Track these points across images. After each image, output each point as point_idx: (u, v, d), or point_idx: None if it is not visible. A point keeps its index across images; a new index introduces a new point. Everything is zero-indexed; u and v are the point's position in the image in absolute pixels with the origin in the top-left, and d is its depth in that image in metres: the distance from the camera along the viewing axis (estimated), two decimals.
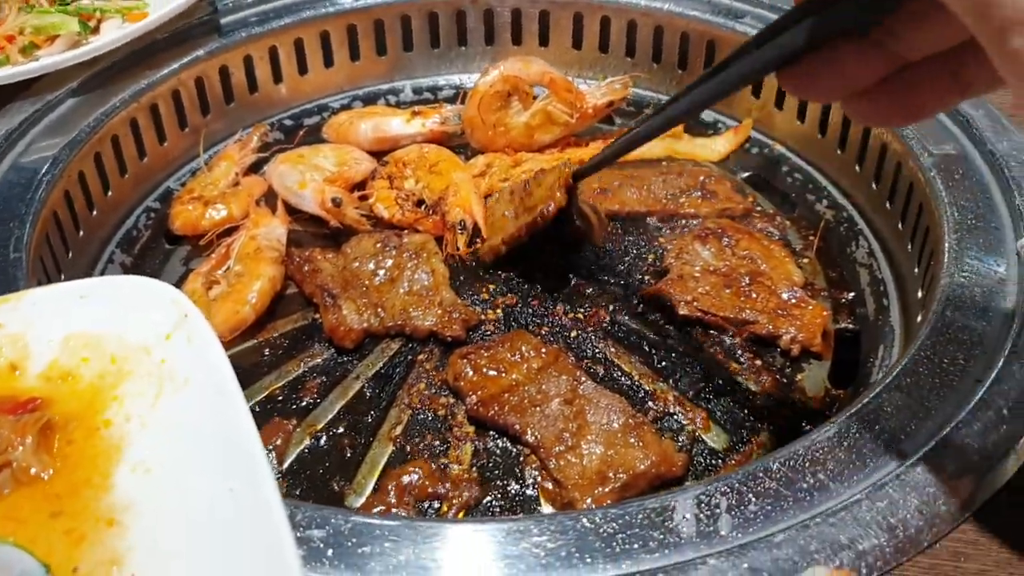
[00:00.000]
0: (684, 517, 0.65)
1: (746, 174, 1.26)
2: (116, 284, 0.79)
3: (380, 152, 1.26)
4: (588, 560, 0.63)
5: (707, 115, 1.33)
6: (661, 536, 0.64)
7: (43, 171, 1.03)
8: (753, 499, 0.67)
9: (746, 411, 0.91)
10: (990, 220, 0.93)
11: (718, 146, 1.28)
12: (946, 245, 0.91)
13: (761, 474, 0.68)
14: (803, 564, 0.61)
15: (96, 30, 1.24)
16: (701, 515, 0.66)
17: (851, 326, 1.02)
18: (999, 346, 0.79)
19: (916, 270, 1.01)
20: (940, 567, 0.63)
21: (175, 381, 0.71)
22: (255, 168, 1.26)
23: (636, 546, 0.64)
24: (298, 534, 0.66)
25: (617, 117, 1.34)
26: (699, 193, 1.16)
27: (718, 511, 0.66)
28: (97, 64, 1.19)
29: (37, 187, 1.01)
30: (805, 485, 0.67)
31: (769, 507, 0.66)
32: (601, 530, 0.65)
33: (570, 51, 1.38)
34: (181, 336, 0.73)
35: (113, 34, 1.19)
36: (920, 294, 0.98)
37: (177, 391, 0.70)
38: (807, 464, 0.69)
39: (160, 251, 1.16)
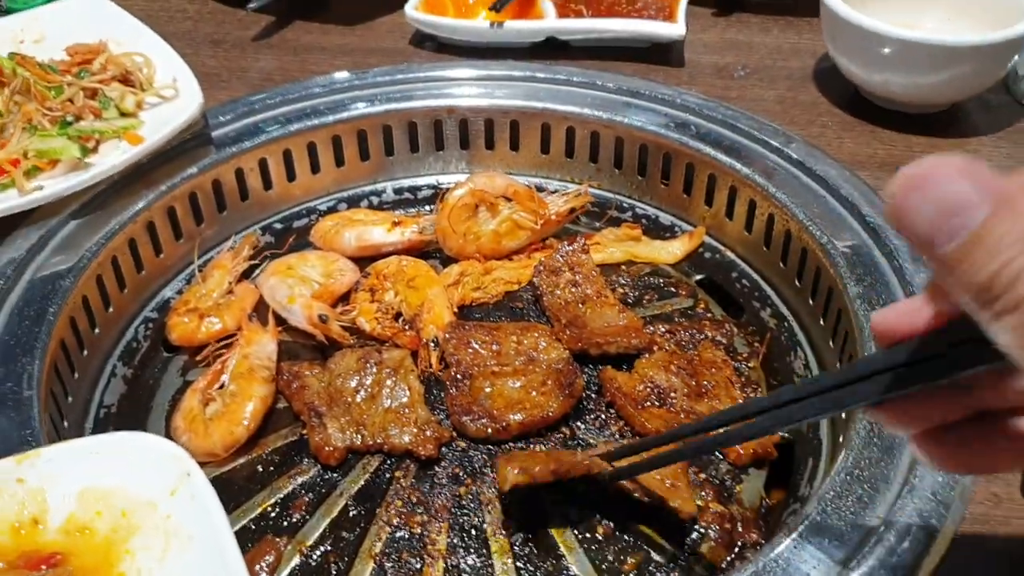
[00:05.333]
0: None
1: (699, 277, 1.36)
2: (124, 441, 0.89)
3: (364, 258, 1.36)
4: None
5: (664, 218, 1.44)
6: None
7: (50, 303, 1.12)
8: None
9: (689, 525, 1.02)
10: None
11: (674, 248, 1.39)
12: None
13: None
14: None
15: (95, 150, 1.33)
16: None
17: (786, 435, 1.13)
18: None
19: None
20: None
21: (180, 537, 0.81)
22: (248, 272, 1.36)
23: None
24: None
25: (583, 217, 1.45)
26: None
27: None
28: (96, 185, 1.28)
29: (44, 320, 1.10)
30: None
31: None
32: None
33: (539, 155, 1.49)
34: (185, 493, 0.83)
35: (113, 159, 1.27)
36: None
37: (183, 548, 0.80)
38: None
39: (159, 360, 1.26)
